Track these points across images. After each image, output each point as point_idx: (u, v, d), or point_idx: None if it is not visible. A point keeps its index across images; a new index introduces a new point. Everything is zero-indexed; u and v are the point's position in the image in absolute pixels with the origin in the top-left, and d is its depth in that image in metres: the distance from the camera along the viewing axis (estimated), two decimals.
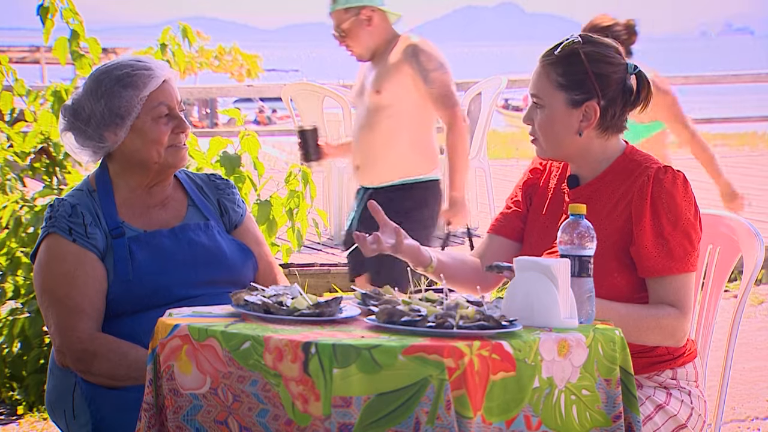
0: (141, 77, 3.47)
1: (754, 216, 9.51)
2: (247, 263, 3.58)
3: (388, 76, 5.52)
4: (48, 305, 3.43)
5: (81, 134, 3.51)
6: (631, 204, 3.30)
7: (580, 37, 3.35)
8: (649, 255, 3.26)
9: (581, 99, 3.32)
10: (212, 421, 2.86)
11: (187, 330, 2.87)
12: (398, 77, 5.50)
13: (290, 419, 2.71)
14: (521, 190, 3.55)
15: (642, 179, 3.30)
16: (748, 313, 7.71)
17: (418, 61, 5.50)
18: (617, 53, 3.36)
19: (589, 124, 3.33)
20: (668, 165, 3.33)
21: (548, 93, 3.33)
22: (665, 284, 3.27)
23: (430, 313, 2.80)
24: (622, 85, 3.33)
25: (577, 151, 3.37)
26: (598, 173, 3.39)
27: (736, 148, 20.14)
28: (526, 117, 3.38)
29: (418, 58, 5.50)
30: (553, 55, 3.33)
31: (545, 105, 3.34)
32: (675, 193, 3.28)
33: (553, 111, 3.33)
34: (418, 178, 5.70)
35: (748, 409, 5.78)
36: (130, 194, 3.54)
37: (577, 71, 3.31)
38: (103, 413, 3.37)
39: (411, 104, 5.55)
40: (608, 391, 2.87)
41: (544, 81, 3.34)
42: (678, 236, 3.27)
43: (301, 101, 9.23)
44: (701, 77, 16.69)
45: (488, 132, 9.74)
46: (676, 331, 3.27)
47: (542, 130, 3.36)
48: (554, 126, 3.34)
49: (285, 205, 5.90)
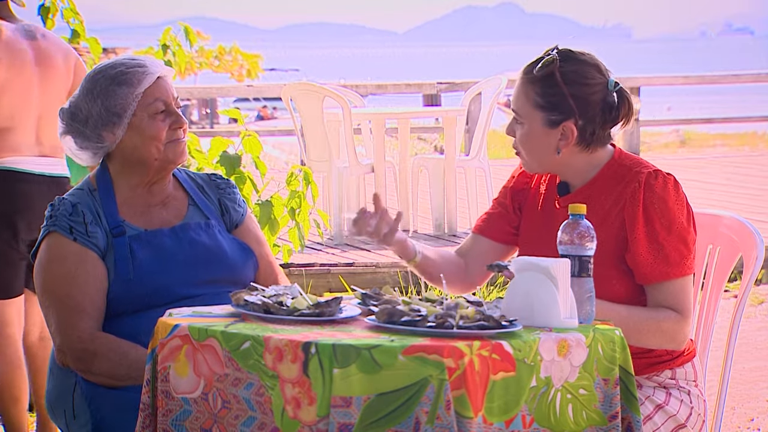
0: (135, 74, 3.47)
1: (754, 216, 9.52)
2: (248, 263, 3.58)
3: None
4: (48, 304, 3.43)
5: (80, 136, 3.52)
6: (624, 211, 3.29)
7: (559, 54, 3.31)
8: (645, 262, 3.26)
9: (558, 120, 3.30)
10: (198, 428, 2.86)
11: (187, 330, 2.88)
12: None
13: (276, 427, 2.71)
14: (509, 195, 3.54)
15: (633, 185, 3.29)
16: (748, 313, 7.71)
17: None
18: (597, 72, 3.32)
19: (567, 143, 3.31)
20: (658, 169, 3.32)
21: (527, 111, 3.32)
22: (663, 290, 3.27)
23: (430, 313, 2.80)
24: (601, 104, 3.30)
25: (560, 165, 3.37)
26: (588, 180, 3.38)
27: (736, 148, 20.16)
28: (508, 129, 3.38)
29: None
30: (532, 73, 3.31)
31: (524, 123, 3.33)
32: (667, 198, 3.27)
33: (531, 129, 3.32)
34: None
35: (748, 409, 5.78)
36: (131, 193, 3.54)
37: (554, 93, 3.29)
38: (103, 413, 3.37)
39: None
40: (606, 390, 2.87)
41: (522, 99, 3.32)
42: (673, 241, 3.26)
43: (301, 101, 9.24)
44: (701, 77, 16.70)
45: (488, 132, 9.74)
46: (677, 335, 3.27)
47: (522, 146, 3.36)
48: (533, 144, 3.34)
49: (286, 205, 5.90)
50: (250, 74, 22.47)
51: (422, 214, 9.95)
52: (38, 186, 4.84)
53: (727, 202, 10.53)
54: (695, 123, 18.69)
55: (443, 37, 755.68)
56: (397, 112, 9.90)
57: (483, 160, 9.61)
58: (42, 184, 4.85)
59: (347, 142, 9.12)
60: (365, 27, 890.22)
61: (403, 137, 9.76)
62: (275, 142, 19.56)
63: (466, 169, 9.66)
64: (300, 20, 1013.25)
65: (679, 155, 19.18)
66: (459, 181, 9.54)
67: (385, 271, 8.13)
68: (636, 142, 14.03)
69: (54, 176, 4.89)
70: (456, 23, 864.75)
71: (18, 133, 4.83)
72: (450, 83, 14.00)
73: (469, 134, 12.06)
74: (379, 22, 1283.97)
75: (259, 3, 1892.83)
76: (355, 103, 9.99)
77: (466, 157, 9.76)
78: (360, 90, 12.27)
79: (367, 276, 8.07)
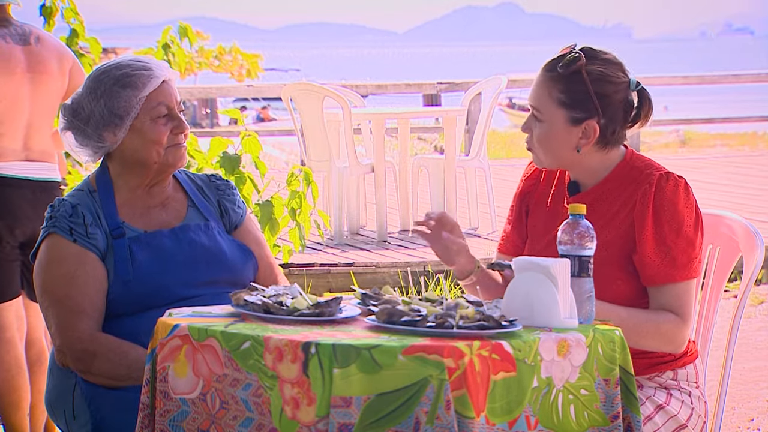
0: (140, 77, 3.47)
1: (754, 216, 9.52)
2: (248, 264, 3.58)
3: None
4: (48, 305, 3.43)
5: (80, 133, 3.52)
6: (634, 211, 3.30)
7: (583, 51, 3.31)
8: (652, 263, 3.26)
9: (581, 117, 3.30)
10: (196, 429, 2.86)
11: (187, 330, 2.88)
12: None
13: (274, 428, 2.71)
14: (516, 202, 3.54)
15: (644, 187, 3.30)
16: (748, 313, 7.71)
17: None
18: (620, 71, 3.33)
19: (588, 142, 3.31)
20: (670, 171, 3.32)
21: (548, 108, 3.31)
22: (667, 292, 3.27)
23: (430, 313, 2.80)
24: (623, 104, 3.32)
25: (575, 163, 3.36)
26: (599, 180, 3.38)
27: (736, 148, 20.16)
28: (524, 126, 3.36)
29: None
30: (556, 71, 3.30)
31: (545, 120, 3.32)
32: (677, 201, 3.28)
33: (552, 127, 3.32)
34: None
35: (748, 409, 5.78)
36: (131, 194, 3.54)
37: (579, 90, 3.28)
38: (103, 413, 3.37)
39: None
40: (607, 391, 2.87)
41: (545, 96, 3.31)
42: (681, 243, 3.27)
43: (301, 101, 9.24)
44: (701, 77, 16.69)
45: (488, 132, 9.74)
46: (675, 338, 3.27)
47: (540, 143, 3.34)
48: (552, 141, 3.33)
49: (287, 205, 5.91)
50: (250, 74, 22.45)
51: (422, 214, 9.93)
52: (21, 191, 4.81)
53: (727, 202, 10.53)
54: (695, 123, 18.68)
55: (443, 37, 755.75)
56: (397, 112, 9.90)
57: (483, 160, 9.60)
58: (26, 189, 4.82)
59: (347, 142, 9.11)
60: (365, 27, 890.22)
61: (403, 137, 9.76)
62: (275, 142, 19.56)
63: (466, 169, 9.66)
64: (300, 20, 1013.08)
65: (679, 155, 19.17)
66: (459, 181, 9.54)
67: (385, 271, 8.13)
68: (636, 142, 14.03)
69: (40, 181, 4.87)
70: (456, 23, 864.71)
71: (5, 139, 4.81)
72: (450, 83, 13.99)
73: (469, 134, 12.06)
74: (379, 22, 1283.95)
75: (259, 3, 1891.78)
76: (355, 103, 9.99)
77: (466, 157, 9.76)
78: (360, 90, 12.27)
79: (367, 276, 8.07)
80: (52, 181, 4.92)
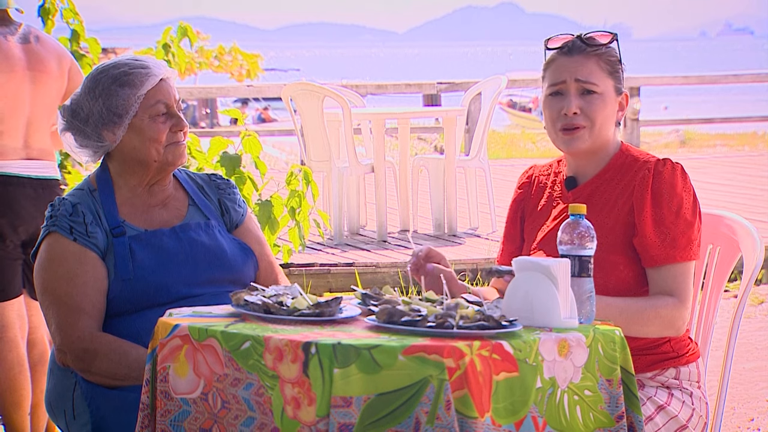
0: (138, 76, 3.47)
1: (754, 216, 9.52)
2: (248, 263, 3.58)
3: None
4: (49, 304, 3.43)
5: (80, 134, 3.52)
6: (633, 196, 3.34)
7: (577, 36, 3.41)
8: (653, 244, 3.29)
9: (620, 88, 3.41)
10: (198, 429, 2.86)
11: (187, 330, 2.88)
12: None
13: (276, 427, 2.71)
14: (511, 212, 3.58)
15: (642, 172, 3.35)
16: (748, 313, 7.71)
17: None
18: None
19: (622, 114, 3.43)
20: (667, 157, 3.37)
21: (602, 79, 3.38)
22: (666, 272, 3.29)
23: (430, 313, 2.80)
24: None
25: (604, 142, 3.41)
26: (598, 170, 3.42)
27: (736, 148, 20.14)
28: (573, 107, 3.36)
29: None
30: (594, 45, 3.37)
31: (601, 92, 3.37)
32: (675, 183, 3.32)
33: (607, 97, 3.38)
34: None
35: (748, 409, 5.78)
36: (131, 193, 3.54)
37: (616, 62, 3.40)
38: (103, 413, 3.37)
39: None
40: (610, 391, 2.87)
41: (595, 68, 3.37)
42: (681, 225, 3.30)
43: (301, 101, 9.24)
44: (701, 77, 16.71)
45: (488, 132, 9.75)
46: (675, 320, 3.28)
47: (597, 115, 3.37)
48: (609, 112, 3.39)
49: (286, 204, 5.91)
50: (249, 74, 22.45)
51: (422, 214, 9.95)
52: (23, 189, 4.83)
53: (727, 202, 10.53)
54: (695, 123, 18.70)
55: (443, 37, 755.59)
56: (397, 112, 9.90)
57: (483, 160, 9.61)
58: (28, 187, 4.84)
59: (347, 142, 9.12)
60: (365, 27, 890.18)
61: (403, 137, 9.76)
62: (275, 142, 19.56)
63: (466, 169, 9.66)
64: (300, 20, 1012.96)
65: (679, 155, 19.16)
66: (459, 181, 9.54)
67: (385, 271, 8.13)
68: (636, 142, 14.03)
69: (41, 179, 4.88)
70: (456, 23, 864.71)
71: (5, 137, 4.82)
72: (450, 83, 14.00)
73: (469, 134, 12.06)
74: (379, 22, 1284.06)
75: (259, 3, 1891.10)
76: (355, 103, 9.99)
77: (466, 157, 9.77)
78: (360, 90, 12.27)
79: (367, 276, 8.07)
80: (52, 179, 4.93)
